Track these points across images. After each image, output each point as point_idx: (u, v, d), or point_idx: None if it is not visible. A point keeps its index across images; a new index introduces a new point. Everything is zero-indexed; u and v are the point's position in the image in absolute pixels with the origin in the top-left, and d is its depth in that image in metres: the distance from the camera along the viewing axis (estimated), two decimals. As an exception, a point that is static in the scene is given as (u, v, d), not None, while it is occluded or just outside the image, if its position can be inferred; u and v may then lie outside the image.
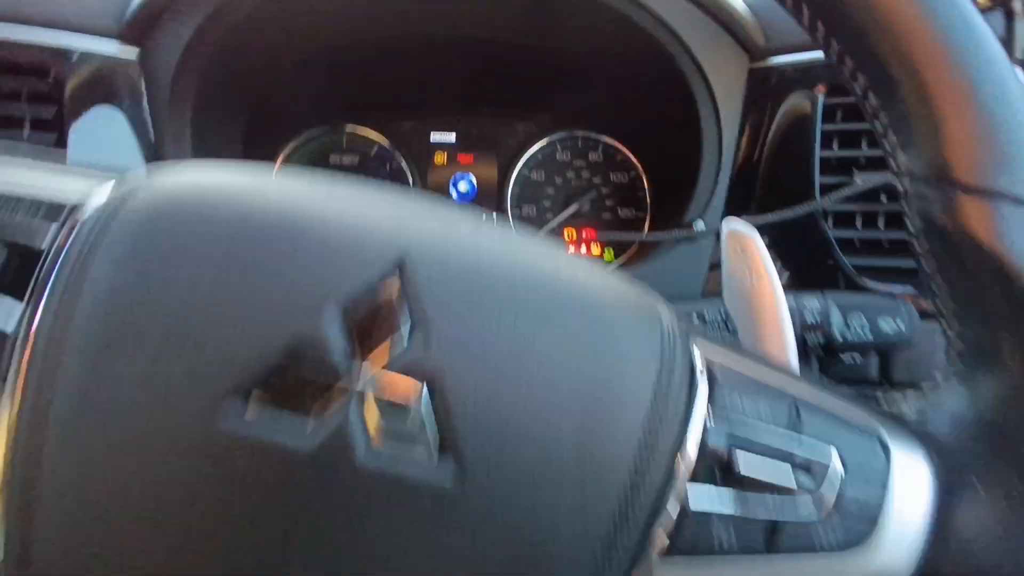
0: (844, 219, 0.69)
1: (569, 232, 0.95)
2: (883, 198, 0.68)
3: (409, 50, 0.80)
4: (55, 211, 0.22)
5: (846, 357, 0.55)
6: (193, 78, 0.71)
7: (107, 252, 0.19)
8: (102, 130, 0.66)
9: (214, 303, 0.19)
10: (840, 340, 0.50)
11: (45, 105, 0.65)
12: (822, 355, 0.53)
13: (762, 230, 0.72)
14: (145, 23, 0.67)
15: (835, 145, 0.70)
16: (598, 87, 0.86)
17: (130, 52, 0.69)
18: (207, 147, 0.76)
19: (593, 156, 0.96)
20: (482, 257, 0.22)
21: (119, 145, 0.67)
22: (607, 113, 0.93)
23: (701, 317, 0.58)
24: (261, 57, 0.76)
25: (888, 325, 0.51)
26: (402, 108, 0.95)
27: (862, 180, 0.67)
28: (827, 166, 0.69)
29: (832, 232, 0.68)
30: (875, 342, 0.51)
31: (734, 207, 0.74)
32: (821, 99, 0.68)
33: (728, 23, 0.68)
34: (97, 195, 0.22)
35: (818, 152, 0.69)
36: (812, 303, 0.53)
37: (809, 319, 0.52)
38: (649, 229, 0.95)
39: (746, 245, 0.49)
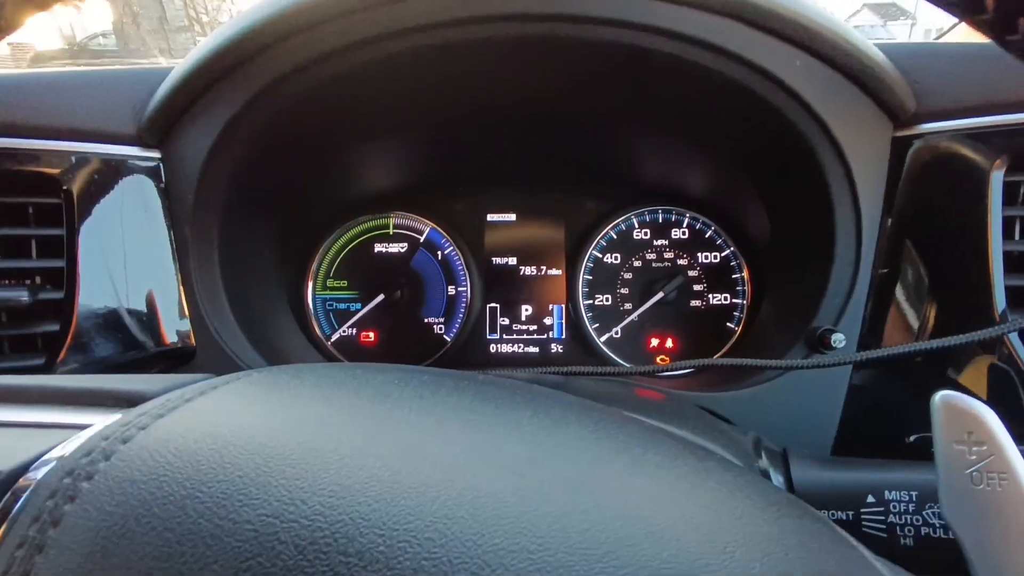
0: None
1: (665, 344, 0.81)
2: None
3: (472, 126, 0.68)
4: None
5: None
6: (221, 179, 0.61)
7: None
8: (117, 243, 0.58)
9: None
10: None
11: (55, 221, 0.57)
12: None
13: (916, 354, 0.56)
14: (165, 125, 0.58)
15: (1019, 234, 0.54)
16: (687, 155, 0.72)
17: (151, 156, 0.60)
18: (237, 248, 0.66)
19: (677, 234, 0.82)
20: None
21: (137, 254, 0.59)
22: (693, 185, 0.79)
23: (879, 500, 0.42)
24: (299, 147, 0.65)
25: None
26: (454, 188, 0.84)
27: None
28: (1011, 262, 0.53)
29: (1029, 353, 0.51)
30: None
31: (876, 313, 0.59)
32: (999, 176, 0.53)
33: (870, 84, 0.53)
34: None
35: (999, 244, 0.52)
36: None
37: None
38: (748, 319, 0.80)
39: (980, 428, 0.33)
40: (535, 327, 0.84)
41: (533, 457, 0.23)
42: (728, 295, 0.81)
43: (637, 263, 0.82)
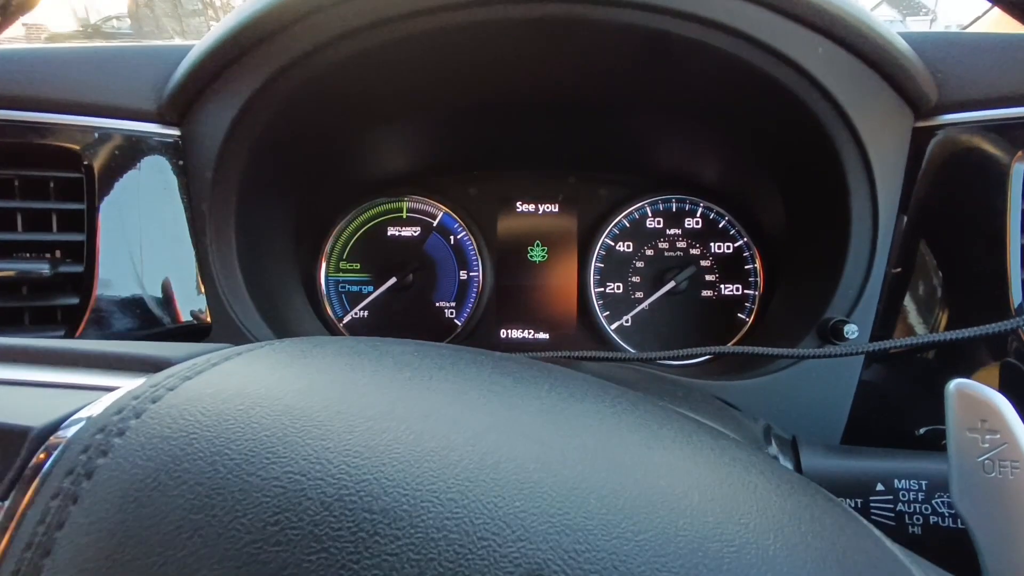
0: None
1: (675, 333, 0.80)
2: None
3: (488, 110, 0.68)
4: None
5: None
6: (239, 158, 0.61)
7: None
8: (136, 219, 0.59)
9: None
10: None
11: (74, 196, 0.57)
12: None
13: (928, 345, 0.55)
14: (185, 102, 0.58)
15: (1039, 227, 0.53)
16: (705, 141, 0.72)
17: (171, 133, 0.60)
18: (254, 227, 0.67)
19: (690, 223, 0.81)
20: None
21: (156, 231, 0.60)
22: (708, 173, 0.79)
23: (888, 488, 0.43)
24: (316, 127, 0.66)
25: None
26: (468, 173, 0.84)
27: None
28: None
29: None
30: None
31: (890, 306, 0.58)
32: (1020, 168, 0.52)
33: (892, 73, 0.53)
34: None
35: (1017, 237, 0.52)
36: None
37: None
38: (760, 310, 0.80)
39: (994, 416, 0.33)
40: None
41: (552, 426, 0.23)
42: (740, 286, 0.80)
43: (649, 252, 0.82)
